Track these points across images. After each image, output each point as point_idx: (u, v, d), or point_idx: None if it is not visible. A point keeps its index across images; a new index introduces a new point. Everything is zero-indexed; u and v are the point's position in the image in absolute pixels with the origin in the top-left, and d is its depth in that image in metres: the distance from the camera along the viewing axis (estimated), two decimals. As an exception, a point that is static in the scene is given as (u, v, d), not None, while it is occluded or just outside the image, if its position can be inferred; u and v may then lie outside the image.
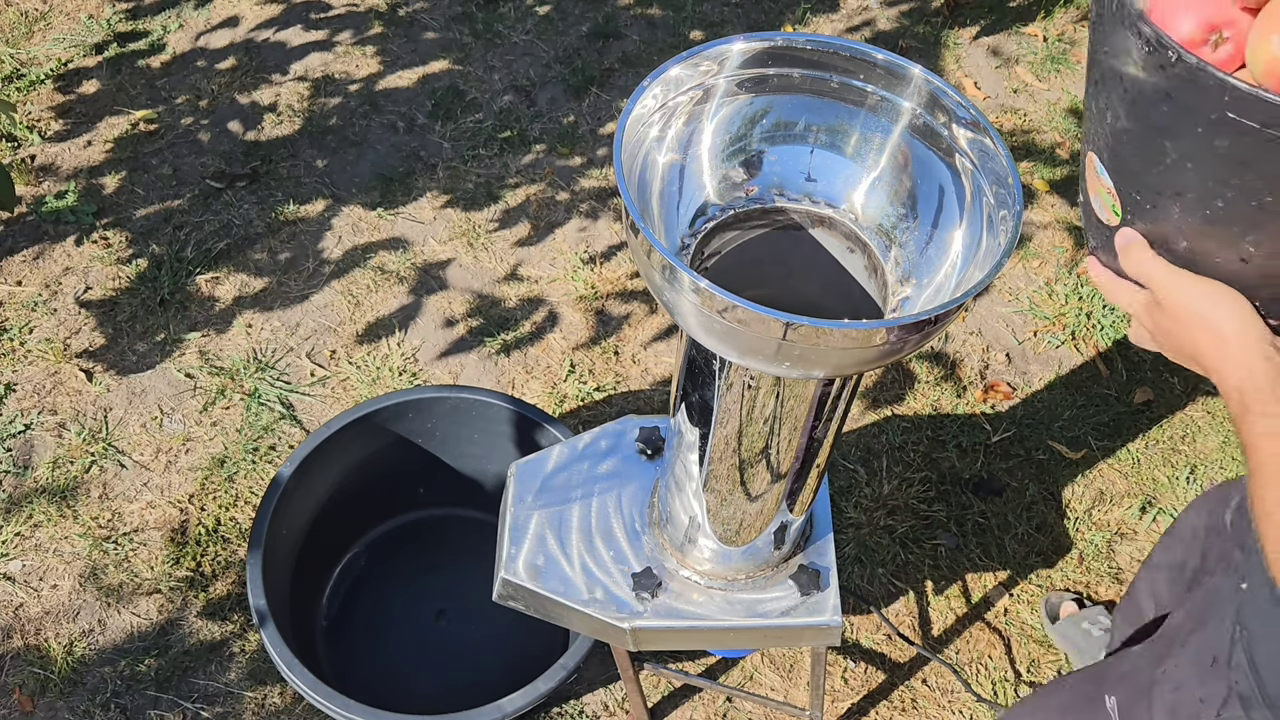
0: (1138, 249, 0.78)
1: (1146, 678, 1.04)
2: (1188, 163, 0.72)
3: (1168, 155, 0.72)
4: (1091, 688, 1.13)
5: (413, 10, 3.01)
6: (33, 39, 2.89)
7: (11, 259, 2.39)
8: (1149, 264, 0.77)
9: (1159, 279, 0.77)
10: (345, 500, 1.83)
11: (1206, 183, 0.72)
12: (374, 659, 1.85)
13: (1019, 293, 2.45)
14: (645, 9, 3.04)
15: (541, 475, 1.36)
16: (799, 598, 1.25)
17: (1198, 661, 0.98)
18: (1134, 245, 0.78)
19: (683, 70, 0.93)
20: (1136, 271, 0.78)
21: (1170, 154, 0.72)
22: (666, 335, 2.32)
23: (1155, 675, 1.03)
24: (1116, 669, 1.12)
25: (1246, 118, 0.66)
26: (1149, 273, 0.78)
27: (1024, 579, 2.01)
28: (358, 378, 2.23)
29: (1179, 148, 0.71)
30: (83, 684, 1.83)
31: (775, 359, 0.85)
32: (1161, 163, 0.73)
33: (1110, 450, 2.18)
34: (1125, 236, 0.79)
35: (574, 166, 2.64)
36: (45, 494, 2.03)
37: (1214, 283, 0.76)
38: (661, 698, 1.85)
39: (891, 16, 3.06)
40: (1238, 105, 0.66)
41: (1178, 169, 0.73)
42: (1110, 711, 1.07)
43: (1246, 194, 0.71)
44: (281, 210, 2.51)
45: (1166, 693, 1.00)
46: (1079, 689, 1.16)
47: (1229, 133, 0.67)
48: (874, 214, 0.99)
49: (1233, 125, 0.67)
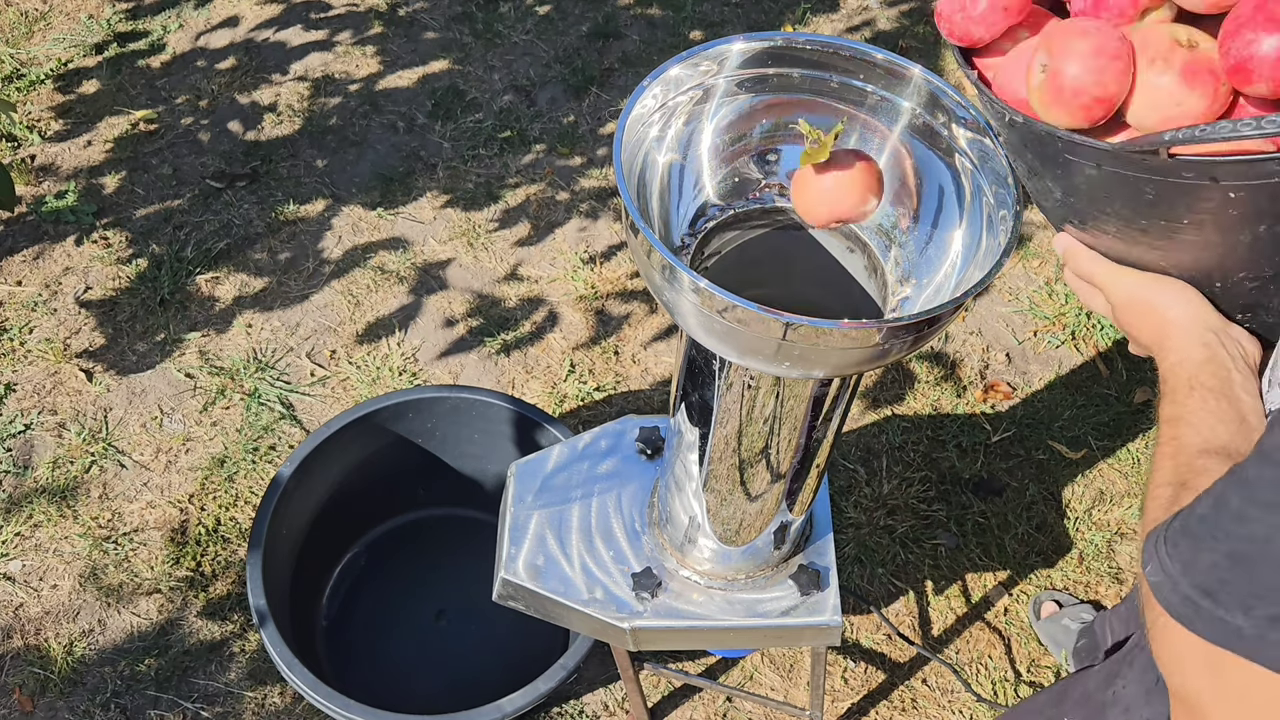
0: (1075, 255, 0.81)
1: (1099, 699, 1.04)
2: (1070, 198, 0.76)
3: (1053, 193, 0.77)
4: (1053, 712, 1.14)
5: (413, 10, 3.01)
6: (33, 39, 2.89)
7: (11, 259, 2.40)
8: (1088, 265, 0.81)
9: (1100, 278, 0.81)
10: (345, 500, 1.83)
11: (1092, 211, 0.76)
12: (374, 659, 1.85)
13: (1019, 293, 2.45)
14: (645, 9, 3.04)
15: (541, 475, 1.36)
16: (799, 598, 1.25)
17: (1143, 681, 0.98)
18: (1071, 251, 0.81)
19: (682, 70, 0.93)
20: (1082, 274, 0.82)
21: (1054, 191, 0.77)
22: (666, 335, 2.32)
23: (1107, 696, 1.03)
24: (1075, 690, 1.12)
25: (1076, 156, 0.71)
26: (1090, 273, 0.81)
27: (1024, 579, 2.01)
28: (358, 378, 2.23)
29: (1061, 186, 0.76)
30: (83, 684, 1.83)
31: (775, 359, 0.85)
32: (1052, 198, 0.78)
33: (1110, 450, 2.18)
34: (1062, 243, 0.83)
35: (574, 166, 2.64)
36: (45, 494, 2.03)
37: (1159, 278, 0.78)
38: (661, 698, 1.85)
39: (891, 16, 3.06)
40: (1066, 146, 0.71)
41: (1067, 205, 0.77)
42: None
43: (1124, 220, 0.73)
44: (281, 210, 2.51)
45: (1118, 714, 1.00)
46: (1045, 712, 1.16)
47: (1079, 168, 0.72)
48: (873, 214, 0.99)
49: (1074, 164, 0.72)
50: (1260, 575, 0.59)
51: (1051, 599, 1.95)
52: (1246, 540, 0.60)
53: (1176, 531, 0.65)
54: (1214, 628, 0.61)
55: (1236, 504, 0.61)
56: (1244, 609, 0.60)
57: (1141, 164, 0.68)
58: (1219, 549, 0.61)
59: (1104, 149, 0.69)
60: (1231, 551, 0.61)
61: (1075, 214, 0.79)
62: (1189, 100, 0.69)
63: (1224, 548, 0.61)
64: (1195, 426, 0.73)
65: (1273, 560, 0.59)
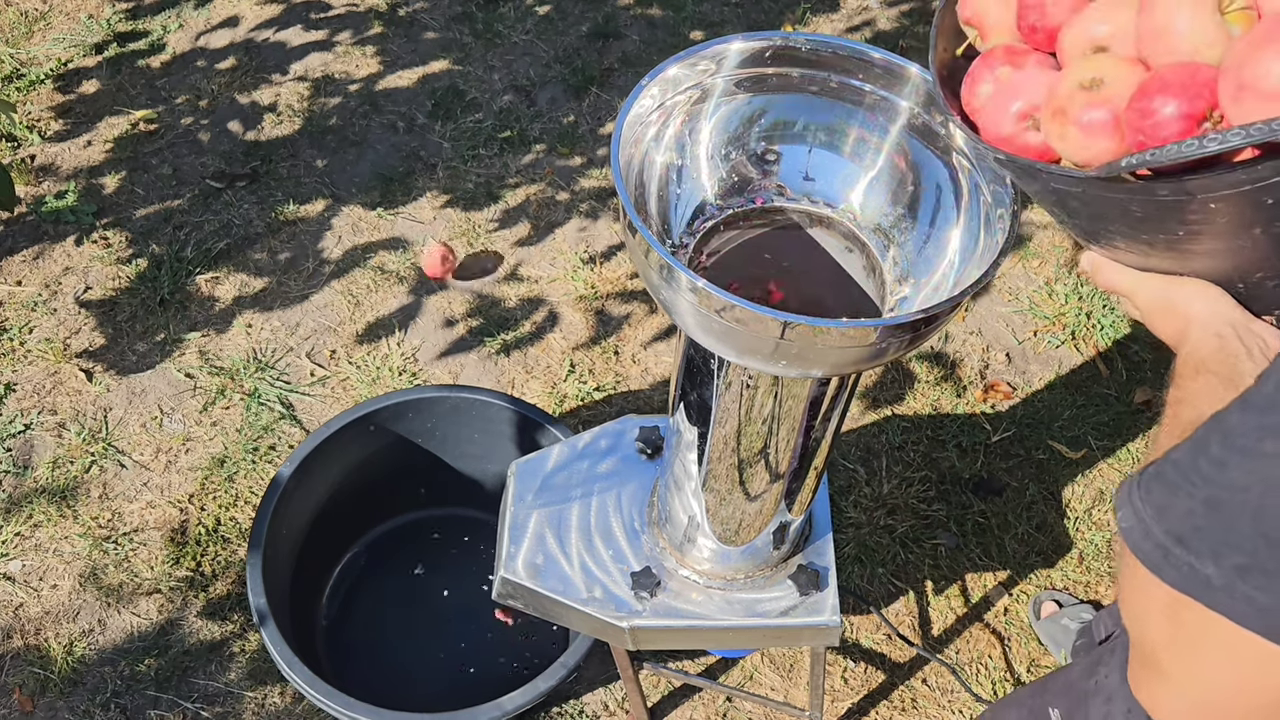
0: (1099, 269, 0.83)
1: (1082, 688, 1.04)
2: (1074, 219, 0.78)
3: (1060, 216, 0.81)
4: (1038, 701, 1.14)
5: (413, 10, 3.01)
6: (33, 39, 2.89)
7: (11, 259, 2.40)
8: (1113, 277, 0.82)
9: (1124, 287, 0.82)
10: (345, 500, 1.83)
11: (1096, 229, 0.78)
12: (374, 659, 1.85)
13: (1019, 292, 2.45)
14: (645, 9, 3.04)
15: (542, 474, 1.36)
16: (798, 598, 1.25)
17: (1123, 669, 0.98)
18: (1096, 265, 0.84)
19: (681, 70, 0.93)
20: (1108, 287, 0.84)
21: (1060, 215, 0.80)
22: (666, 335, 2.32)
23: (1089, 686, 1.03)
24: (1060, 680, 1.13)
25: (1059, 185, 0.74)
26: (1114, 284, 0.83)
27: (1024, 579, 2.01)
28: (358, 378, 2.23)
29: (1063, 210, 0.79)
30: (83, 684, 1.83)
31: (773, 358, 0.85)
32: (1062, 221, 0.81)
33: (1110, 450, 2.18)
34: (1086, 259, 0.85)
35: (574, 166, 2.64)
36: (45, 494, 2.04)
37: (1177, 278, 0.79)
38: (661, 697, 1.85)
39: (891, 16, 3.06)
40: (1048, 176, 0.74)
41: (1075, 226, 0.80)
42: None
43: (1127, 236, 0.75)
44: (281, 210, 2.51)
45: (1100, 703, 1.00)
46: (1028, 703, 1.16)
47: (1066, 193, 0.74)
48: (872, 213, 0.99)
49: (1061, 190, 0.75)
50: (1236, 524, 0.58)
51: (1051, 599, 1.95)
52: (1224, 487, 0.59)
53: (1150, 477, 0.64)
54: (1182, 575, 0.61)
55: (1216, 450, 0.60)
56: (1214, 557, 0.59)
57: (1122, 186, 0.69)
58: (1196, 495, 0.60)
59: (1075, 176, 0.71)
60: (1209, 498, 0.60)
61: (1084, 233, 0.81)
62: (1096, 146, 0.72)
63: (1201, 494, 0.60)
64: (1195, 407, 0.72)
65: (1249, 509, 0.58)
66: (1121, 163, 0.66)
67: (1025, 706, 1.16)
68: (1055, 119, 0.74)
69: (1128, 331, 2.37)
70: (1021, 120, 0.77)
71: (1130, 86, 0.70)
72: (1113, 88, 0.71)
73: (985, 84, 0.81)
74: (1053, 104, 0.74)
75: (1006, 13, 0.82)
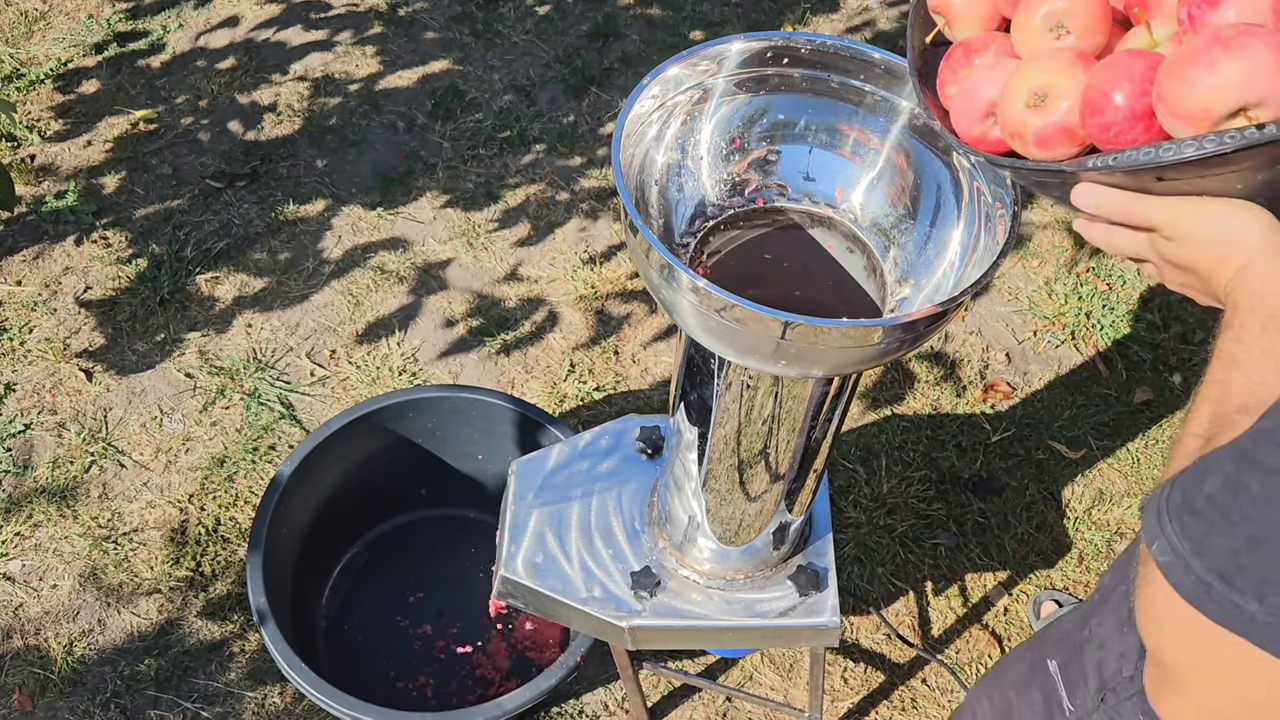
0: (1108, 199, 0.71)
1: (1077, 638, 1.04)
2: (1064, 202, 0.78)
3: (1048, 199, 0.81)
4: (1036, 655, 1.14)
5: (413, 10, 3.01)
6: (33, 39, 2.89)
7: (11, 259, 2.40)
8: (1124, 201, 0.70)
9: (1162, 215, 0.69)
10: (345, 500, 1.83)
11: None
12: (374, 659, 1.85)
13: (1019, 292, 2.45)
14: (645, 9, 3.04)
15: (542, 473, 1.36)
16: (798, 598, 1.25)
17: (1117, 617, 0.98)
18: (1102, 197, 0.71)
19: (681, 70, 0.93)
20: (1122, 216, 0.72)
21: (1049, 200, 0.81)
22: (666, 335, 2.32)
23: (1083, 635, 1.03)
24: (1055, 632, 1.13)
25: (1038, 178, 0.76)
26: (1125, 209, 0.70)
27: (1024, 579, 2.01)
28: (358, 378, 2.23)
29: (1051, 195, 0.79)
30: (83, 684, 1.83)
31: (773, 358, 0.85)
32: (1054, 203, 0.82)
33: (1110, 450, 2.18)
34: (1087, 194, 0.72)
35: (574, 166, 2.64)
36: (45, 494, 2.03)
37: (1226, 200, 0.68)
38: (661, 697, 1.85)
39: (891, 16, 3.06)
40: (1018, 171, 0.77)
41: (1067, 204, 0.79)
42: (1053, 675, 1.07)
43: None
44: (281, 210, 2.51)
45: (1093, 650, 1.00)
46: (1027, 658, 1.17)
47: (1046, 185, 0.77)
48: (873, 213, 0.99)
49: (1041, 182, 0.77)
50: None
51: (1051, 599, 1.95)
52: (1267, 526, 0.59)
53: (1180, 508, 0.63)
54: (1225, 612, 0.60)
55: (1257, 489, 0.59)
56: (1259, 596, 0.59)
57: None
58: (1238, 533, 0.60)
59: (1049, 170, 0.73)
60: (1252, 538, 0.59)
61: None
62: (1060, 153, 0.73)
63: (1243, 532, 0.60)
64: (1248, 375, 0.65)
65: None
66: (1088, 164, 0.69)
67: (1025, 661, 1.16)
68: (1015, 140, 0.75)
69: (1128, 331, 2.37)
70: (985, 119, 0.78)
71: (1074, 94, 0.71)
72: (1057, 100, 0.72)
73: (950, 85, 0.82)
74: (1007, 128, 0.75)
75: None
